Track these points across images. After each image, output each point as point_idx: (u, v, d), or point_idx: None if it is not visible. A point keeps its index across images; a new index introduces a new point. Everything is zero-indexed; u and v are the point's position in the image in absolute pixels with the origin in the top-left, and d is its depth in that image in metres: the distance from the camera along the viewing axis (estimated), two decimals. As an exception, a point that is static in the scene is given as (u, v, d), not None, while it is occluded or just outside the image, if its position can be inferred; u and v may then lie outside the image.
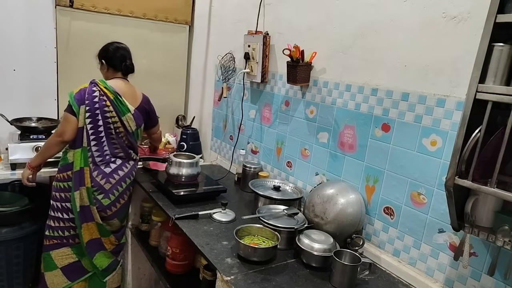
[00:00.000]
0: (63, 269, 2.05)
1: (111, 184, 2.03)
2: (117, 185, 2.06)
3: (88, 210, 2.00)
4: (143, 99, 2.16)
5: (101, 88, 2.00)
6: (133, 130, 2.08)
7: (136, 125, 2.09)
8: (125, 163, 2.10)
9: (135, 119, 2.07)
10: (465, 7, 1.27)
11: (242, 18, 2.42)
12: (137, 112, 2.09)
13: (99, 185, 2.01)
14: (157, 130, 2.36)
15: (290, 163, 2.08)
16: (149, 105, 2.20)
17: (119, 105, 2.01)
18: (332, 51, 1.78)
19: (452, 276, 1.35)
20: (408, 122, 1.47)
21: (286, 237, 1.58)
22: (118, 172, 2.06)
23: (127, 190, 2.13)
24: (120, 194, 2.08)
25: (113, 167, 2.04)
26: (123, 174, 2.08)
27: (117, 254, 2.19)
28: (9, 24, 2.44)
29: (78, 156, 1.97)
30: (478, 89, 1.00)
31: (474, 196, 1.15)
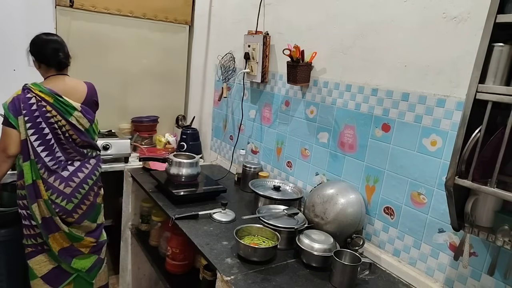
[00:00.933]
0: (44, 278, 1.96)
1: (72, 187, 1.90)
2: (79, 187, 1.93)
3: (51, 221, 1.88)
4: (88, 90, 1.95)
5: (36, 93, 1.80)
6: (87, 127, 1.93)
7: (88, 121, 1.93)
8: (85, 163, 1.97)
9: (85, 115, 1.90)
10: (465, 7, 1.27)
11: (242, 18, 2.42)
12: (84, 107, 1.91)
13: (59, 191, 1.87)
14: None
15: (290, 163, 2.08)
16: (95, 95, 2.00)
17: (62, 106, 1.83)
18: (332, 51, 1.79)
19: (452, 276, 1.35)
20: (408, 122, 1.47)
21: (286, 237, 1.58)
22: (77, 174, 1.93)
23: (91, 191, 1.99)
24: (84, 196, 1.96)
25: (71, 170, 1.91)
26: (83, 176, 1.95)
27: (98, 252, 2.10)
28: (9, 24, 2.44)
29: (27, 170, 1.81)
30: (478, 89, 1.01)
31: (474, 196, 1.15)
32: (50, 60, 1.87)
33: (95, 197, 2.04)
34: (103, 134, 2.70)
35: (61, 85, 1.87)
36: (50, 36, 1.92)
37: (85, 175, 1.96)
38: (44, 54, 1.86)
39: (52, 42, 1.88)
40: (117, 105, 2.90)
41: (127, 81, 2.90)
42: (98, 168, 2.05)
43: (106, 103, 2.84)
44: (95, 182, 2.02)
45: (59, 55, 1.87)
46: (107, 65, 2.80)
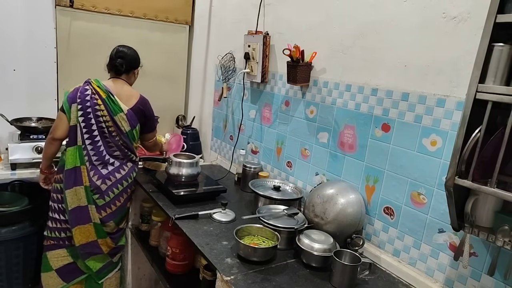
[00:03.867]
0: (58, 271, 2.04)
1: (107, 185, 2.00)
2: (113, 186, 2.02)
3: (85, 210, 1.97)
4: (140, 100, 2.09)
5: (94, 87, 1.97)
6: (127, 131, 2.02)
7: (130, 125, 2.03)
8: (123, 165, 2.06)
9: (128, 120, 2.01)
10: (465, 7, 1.27)
11: (242, 18, 2.42)
12: (130, 112, 2.03)
13: (95, 186, 1.98)
14: (152, 138, 2.25)
15: (290, 163, 2.08)
16: (146, 107, 2.12)
17: (111, 104, 1.97)
18: (332, 51, 1.78)
19: (452, 276, 1.35)
20: (408, 122, 1.47)
21: (286, 237, 1.58)
22: (115, 174, 2.02)
23: (124, 193, 2.08)
24: (116, 196, 2.04)
25: (110, 169, 2.01)
26: (120, 176, 2.04)
27: (113, 256, 2.14)
28: (9, 24, 2.45)
29: (72, 154, 1.94)
30: (478, 89, 1.00)
31: (474, 196, 1.15)
32: (109, 64, 2.09)
33: (126, 200, 2.11)
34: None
35: (118, 87, 2.04)
36: (123, 47, 2.11)
37: (122, 176, 2.04)
38: (111, 59, 2.08)
39: (119, 51, 2.08)
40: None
41: (127, 81, 2.89)
42: (133, 172, 2.12)
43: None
44: (129, 185, 2.09)
45: (118, 61, 2.06)
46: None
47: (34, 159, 2.27)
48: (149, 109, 2.14)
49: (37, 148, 2.26)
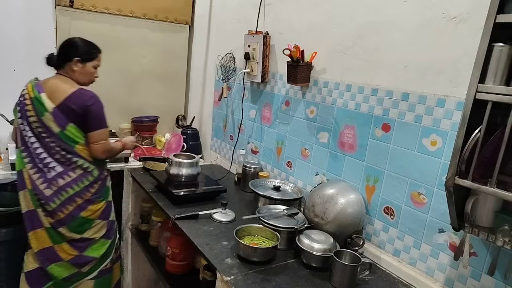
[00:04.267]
0: (26, 275, 1.92)
1: (52, 190, 1.83)
2: (58, 193, 1.83)
3: (34, 214, 1.85)
4: (69, 95, 1.80)
5: (28, 86, 1.86)
6: (56, 132, 1.80)
7: (58, 126, 1.80)
8: (68, 170, 1.85)
9: (54, 120, 1.79)
10: (465, 7, 1.27)
11: (242, 18, 2.42)
12: (56, 111, 1.79)
13: (39, 190, 1.83)
14: (95, 140, 1.87)
15: (290, 163, 2.08)
16: (77, 103, 1.80)
17: (37, 104, 1.80)
18: (332, 51, 1.78)
19: (452, 276, 1.35)
20: (408, 122, 1.47)
21: (286, 237, 1.58)
22: (57, 179, 1.83)
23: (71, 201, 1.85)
24: (63, 203, 1.84)
25: (53, 174, 1.83)
26: (63, 183, 1.83)
27: (81, 266, 1.92)
28: (9, 24, 2.44)
29: (17, 157, 1.88)
30: (478, 89, 1.00)
31: (474, 196, 1.15)
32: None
33: (77, 210, 1.88)
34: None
35: (52, 84, 1.85)
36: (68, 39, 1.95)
37: (66, 183, 1.84)
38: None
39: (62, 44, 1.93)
40: (118, 105, 2.90)
41: (127, 81, 2.89)
42: (83, 180, 1.89)
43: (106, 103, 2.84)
44: (78, 194, 1.87)
45: (50, 54, 1.92)
46: (108, 65, 2.77)
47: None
48: (84, 104, 1.81)
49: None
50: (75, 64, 1.87)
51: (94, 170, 1.93)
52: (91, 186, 1.92)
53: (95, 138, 1.87)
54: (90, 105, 1.83)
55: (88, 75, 1.94)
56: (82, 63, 1.89)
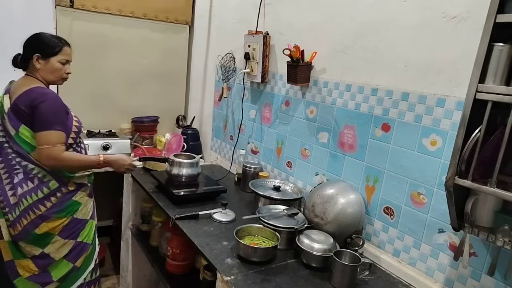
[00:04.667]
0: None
1: (16, 199, 1.67)
2: (19, 201, 1.66)
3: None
4: (22, 94, 1.64)
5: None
6: (13, 135, 1.66)
7: (13, 128, 1.65)
8: (27, 178, 1.67)
9: (9, 121, 1.65)
10: (465, 7, 1.27)
11: (242, 18, 2.42)
12: (10, 111, 1.66)
13: (5, 196, 1.67)
14: (40, 144, 1.63)
15: (290, 163, 2.08)
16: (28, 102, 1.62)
17: (1, 106, 1.69)
18: (332, 51, 1.78)
19: (452, 276, 1.35)
20: (408, 122, 1.47)
21: (286, 237, 1.58)
22: (17, 187, 1.66)
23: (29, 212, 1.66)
24: (20, 214, 1.66)
25: (16, 180, 1.66)
26: (21, 191, 1.66)
27: (43, 285, 1.74)
28: (9, 24, 2.45)
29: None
30: (478, 89, 1.00)
31: (474, 196, 1.14)
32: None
33: (30, 224, 1.67)
34: (103, 134, 2.70)
35: (15, 83, 1.73)
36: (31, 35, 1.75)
37: (24, 192, 1.66)
38: None
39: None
40: (118, 105, 2.91)
41: (127, 81, 2.90)
42: (38, 192, 1.67)
43: (106, 103, 2.87)
44: (30, 207, 1.66)
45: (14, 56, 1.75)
46: (108, 65, 2.80)
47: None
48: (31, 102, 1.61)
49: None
50: (36, 62, 1.69)
51: (51, 182, 1.70)
52: (46, 199, 1.68)
53: (38, 140, 1.63)
54: (38, 104, 1.61)
55: (55, 72, 1.73)
56: (43, 59, 1.70)
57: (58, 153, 1.64)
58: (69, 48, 1.78)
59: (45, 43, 1.71)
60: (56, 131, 1.64)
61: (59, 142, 1.65)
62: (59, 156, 1.64)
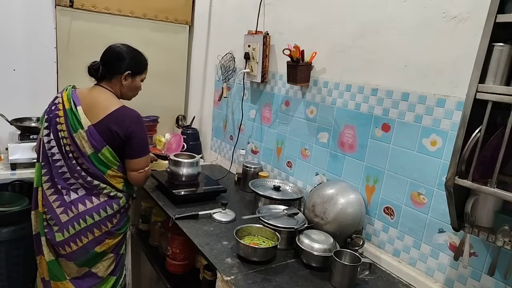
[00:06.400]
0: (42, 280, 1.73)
1: (69, 217, 1.60)
2: (75, 220, 1.60)
3: (38, 240, 1.67)
4: (112, 114, 1.60)
5: (63, 94, 1.65)
6: (89, 154, 1.58)
7: (91, 147, 1.58)
8: (90, 195, 1.63)
9: (89, 139, 1.57)
10: (465, 7, 1.27)
11: (242, 18, 2.42)
12: (92, 129, 1.57)
13: (55, 214, 1.61)
14: (139, 168, 1.68)
15: (290, 163, 2.08)
16: (119, 124, 1.59)
17: (71, 118, 1.58)
18: (332, 51, 1.78)
19: (452, 276, 1.35)
20: (408, 122, 1.47)
21: (286, 237, 1.58)
22: (78, 204, 1.61)
23: (88, 232, 1.62)
24: (78, 232, 1.61)
25: (73, 197, 1.61)
26: (84, 209, 1.61)
27: None
28: (9, 24, 2.44)
29: (36, 172, 1.66)
30: (478, 89, 1.00)
31: (474, 196, 1.15)
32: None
33: (93, 243, 1.65)
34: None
35: (92, 96, 1.64)
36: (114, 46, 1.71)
37: (86, 210, 1.62)
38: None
39: (105, 51, 1.71)
40: (117, 105, 2.90)
41: (127, 81, 2.89)
42: (107, 209, 1.65)
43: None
44: (97, 224, 1.64)
45: (95, 63, 1.69)
46: (107, 65, 2.79)
47: (34, 159, 2.24)
48: (128, 127, 1.60)
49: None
50: (125, 79, 1.67)
51: (122, 198, 1.71)
52: (114, 216, 1.69)
53: (138, 165, 1.66)
54: (134, 129, 1.61)
55: (135, 90, 1.77)
56: (132, 77, 1.69)
57: (150, 172, 1.80)
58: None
59: (136, 60, 1.70)
60: (148, 154, 1.75)
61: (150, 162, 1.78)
62: (150, 173, 1.81)
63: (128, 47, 1.71)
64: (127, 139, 1.62)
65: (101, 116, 1.59)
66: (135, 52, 1.73)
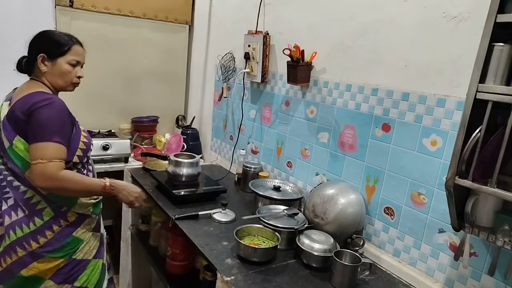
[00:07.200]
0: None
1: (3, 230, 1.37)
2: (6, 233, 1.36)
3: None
4: (21, 99, 1.36)
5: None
6: (6, 147, 1.36)
7: (7, 139, 1.35)
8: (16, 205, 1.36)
9: (3, 131, 1.36)
10: (465, 7, 1.27)
11: (242, 18, 2.41)
12: (5, 120, 1.36)
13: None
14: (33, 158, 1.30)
15: (290, 163, 2.08)
16: (25, 107, 1.32)
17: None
18: (332, 51, 1.78)
19: (452, 276, 1.35)
20: (408, 122, 1.47)
21: (286, 237, 1.58)
22: (5, 216, 1.36)
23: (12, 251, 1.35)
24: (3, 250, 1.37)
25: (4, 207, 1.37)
26: (9, 222, 1.35)
27: None
28: (9, 24, 2.44)
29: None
30: (478, 89, 1.00)
31: (474, 196, 1.14)
32: None
33: (17, 265, 1.36)
34: (103, 134, 2.70)
35: (19, 89, 1.47)
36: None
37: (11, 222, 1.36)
38: None
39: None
40: (117, 105, 2.90)
41: (127, 81, 2.90)
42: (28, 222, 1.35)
43: (106, 103, 2.86)
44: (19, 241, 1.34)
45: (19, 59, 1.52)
46: (107, 65, 2.79)
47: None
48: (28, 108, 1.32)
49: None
50: (41, 63, 1.42)
51: (46, 210, 1.37)
52: (40, 233, 1.36)
53: (32, 154, 1.30)
54: (36, 109, 1.30)
55: (64, 76, 1.46)
56: (50, 60, 1.43)
57: (55, 170, 1.30)
58: (80, 47, 1.52)
59: (52, 41, 1.44)
60: (55, 144, 1.31)
61: (57, 157, 1.31)
62: (55, 174, 1.29)
63: (49, 30, 1.50)
64: (27, 122, 1.31)
65: (11, 105, 1.37)
66: (54, 33, 1.49)
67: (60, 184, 1.32)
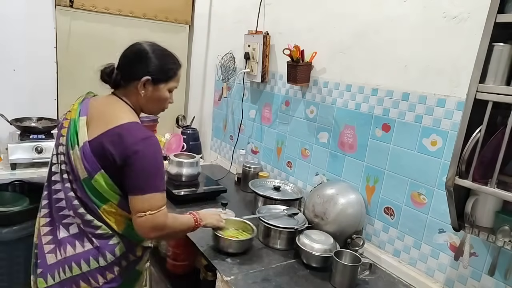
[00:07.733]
0: None
1: (56, 259, 1.21)
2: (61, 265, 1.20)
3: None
4: (112, 130, 1.17)
5: (76, 102, 1.32)
6: (82, 178, 1.19)
7: (85, 169, 1.17)
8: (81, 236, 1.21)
9: (82, 160, 1.18)
10: (465, 7, 1.27)
11: (242, 18, 2.41)
12: (87, 147, 1.18)
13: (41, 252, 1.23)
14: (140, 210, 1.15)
15: (290, 163, 2.08)
16: (122, 146, 1.14)
17: (72, 130, 1.23)
18: (332, 51, 1.78)
19: (453, 276, 1.35)
20: (408, 122, 1.47)
21: (286, 237, 1.58)
22: (66, 245, 1.20)
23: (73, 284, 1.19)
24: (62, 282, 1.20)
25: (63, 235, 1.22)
26: (72, 253, 1.19)
27: None
28: (9, 24, 2.44)
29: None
30: (478, 89, 1.00)
31: (474, 196, 1.14)
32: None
33: None
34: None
35: (100, 105, 1.28)
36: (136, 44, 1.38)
37: (74, 255, 1.20)
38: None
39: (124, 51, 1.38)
40: (117, 105, 2.90)
41: (127, 81, 2.89)
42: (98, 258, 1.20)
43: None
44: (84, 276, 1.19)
45: (107, 65, 1.37)
46: (107, 65, 2.79)
47: (34, 159, 2.26)
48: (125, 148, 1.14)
49: (37, 148, 2.25)
50: (142, 86, 1.26)
51: (119, 246, 1.23)
52: (109, 269, 1.22)
53: (136, 205, 1.16)
54: (135, 153, 1.14)
55: (160, 102, 1.32)
56: (153, 84, 1.27)
57: (163, 220, 1.19)
58: (181, 71, 1.39)
59: (160, 63, 1.29)
60: (159, 193, 1.18)
61: (164, 204, 1.20)
62: (163, 223, 1.19)
63: (154, 45, 1.35)
64: (124, 165, 1.15)
65: (100, 131, 1.19)
66: (161, 52, 1.34)
67: (166, 232, 1.23)
